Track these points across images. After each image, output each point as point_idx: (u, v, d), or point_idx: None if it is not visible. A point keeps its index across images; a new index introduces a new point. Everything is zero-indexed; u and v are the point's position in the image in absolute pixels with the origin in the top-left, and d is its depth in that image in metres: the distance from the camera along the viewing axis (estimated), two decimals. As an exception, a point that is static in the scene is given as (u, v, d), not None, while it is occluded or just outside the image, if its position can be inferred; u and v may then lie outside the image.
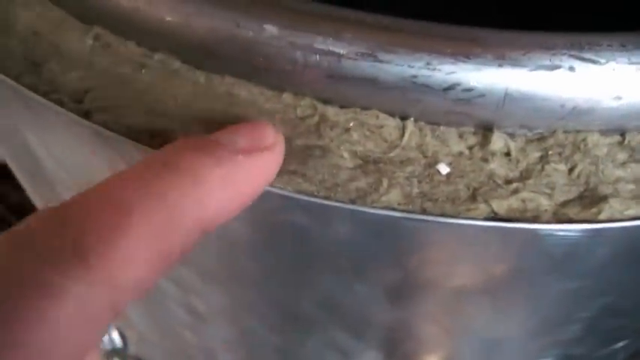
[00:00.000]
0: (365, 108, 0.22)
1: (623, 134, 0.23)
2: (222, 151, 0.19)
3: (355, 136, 0.22)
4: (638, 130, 0.23)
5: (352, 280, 0.25)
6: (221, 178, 0.19)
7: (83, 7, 0.24)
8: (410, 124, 0.22)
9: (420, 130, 0.22)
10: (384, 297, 0.25)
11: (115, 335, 0.43)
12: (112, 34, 0.24)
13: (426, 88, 0.21)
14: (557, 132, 0.22)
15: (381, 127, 0.22)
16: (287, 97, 0.22)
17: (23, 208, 0.71)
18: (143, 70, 0.23)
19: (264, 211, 0.22)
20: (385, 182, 0.21)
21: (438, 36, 0.21)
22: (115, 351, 0.43)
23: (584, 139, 0.22)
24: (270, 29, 0.22)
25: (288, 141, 0.22)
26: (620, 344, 0.31)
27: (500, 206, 0.21)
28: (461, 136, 0.22)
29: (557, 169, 0.22)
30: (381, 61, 0.21)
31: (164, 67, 0.23)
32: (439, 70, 0.21)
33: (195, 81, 0.23)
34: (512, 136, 0.22)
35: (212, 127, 0.21)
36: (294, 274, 0.25)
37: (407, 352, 0.30)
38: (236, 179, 0.19)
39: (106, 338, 0.42)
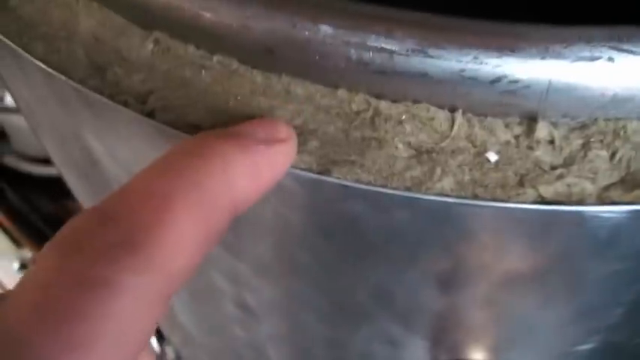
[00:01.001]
0: (416, 101, 0.23)
1: (661, 121, 0.24)
2: (245, 140, 0.21)
3: (408, 128, 0.23)
4: (676, 116, 0.24)
5: (405, 268, 0.26)
6: (246, 163, 0.21)
7: (143, 14, 0.26)
8: (459, 115, 0.23)
9: (469, 121, 0.23)
10: (435, 285, 0.26)
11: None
12: (171, 38, 0.25)
13: (474, 80, 0.22)
14: (598, 120, 0.23)
15: (432, 119, 0.23)
16: (342, 93, 0.24)
17: (57, 218, 0.73)
18: (203, 72, 0.25)
19: (323, 201, 0.24)
20: (438, 170, 0.22)
21: (484, 31, 0.23)
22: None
23: (624, 127, 0.23)
24: (325, 29, 0.23)
25: (345, 133, 0.23)
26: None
27: (546, 191, 0.22)
28: (507, 126, 0.23)
29: (600, 155, 0.23)
30: (430, 57, 0.22)
31: (223, 67, 0.24)
32: (486, 63, 0.22)
33: (253, 80, 0.24)
34: (555, 125, 0.23)
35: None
36: (348, 264, 0.27)
37: (454, 341, 0.31)
38: (259, 165, 0.21)
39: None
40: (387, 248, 0.25)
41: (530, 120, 0.23)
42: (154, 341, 0.47)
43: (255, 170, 0.21)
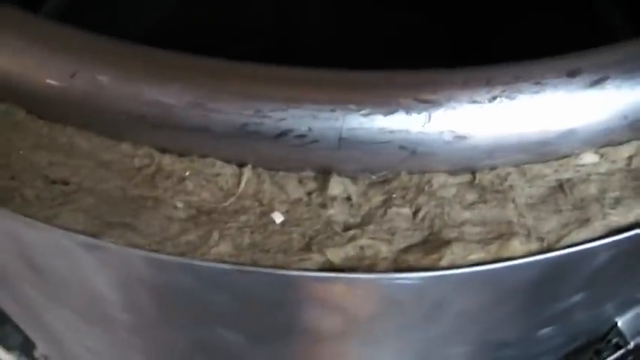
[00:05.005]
0: (203, 156, 0.22)
1: (473, 173, 0.22)
2: None
3: (190, 185, 0.21)
4: (490, 168, 0.22)
5: (215, 326, 0.24)
6: None
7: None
8: (247, 170, 0.21)
9: (259, 176, 0.22)
10: (249, 341, 0.25)
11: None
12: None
13: (258, 135, 0.21)
14: (401, 174, 0.22)
15: (218, 175, 0.21)
16: (126, 146, 0.22)
17: None
18: (-11, 123, 0.23)
19: (114, 265, 0.22)
20: (216, 234, 0.21)
21: (269, 81, 0.21)
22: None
23: (429, 181, 0.22)
24: (102, 80, 0.21)
25: (123, 191, 0.21)
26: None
27: (335, 255, 0.21)
28: (300, 181, 0.22)
29: (400, 212, 0.21)
30: (210, 110, 0.21)
31: (8, 117, 0.23)
32: (269, 117, 0.20)
33: (38, 132, 0.22)
34: (354, 179, 0.22)
35: (54, 178, 0.22)
36: (158, 320, 0.25)
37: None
38: None
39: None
40: (188, 307, 0.23)
41: (326, 174, 0.22)
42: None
43: None
